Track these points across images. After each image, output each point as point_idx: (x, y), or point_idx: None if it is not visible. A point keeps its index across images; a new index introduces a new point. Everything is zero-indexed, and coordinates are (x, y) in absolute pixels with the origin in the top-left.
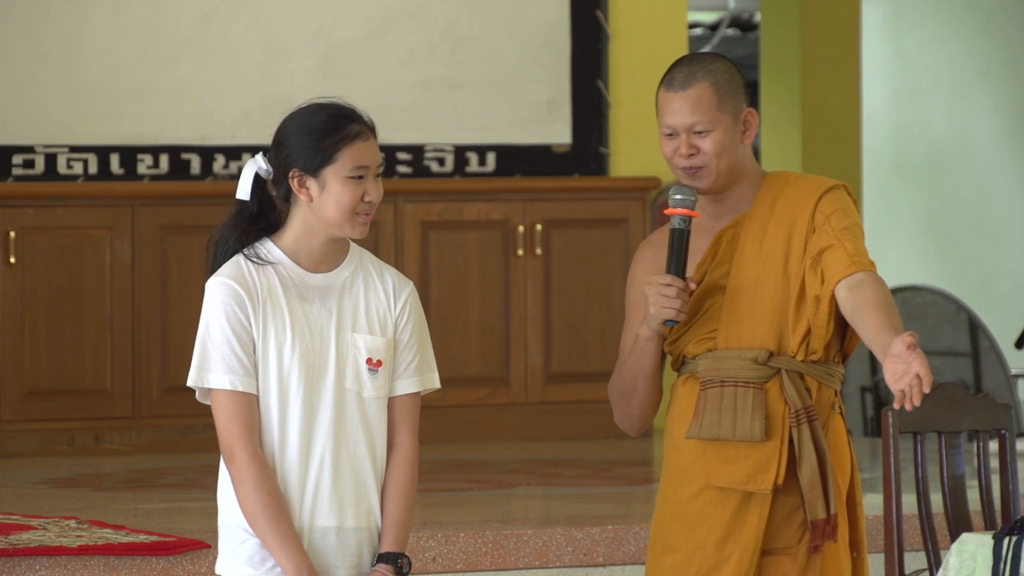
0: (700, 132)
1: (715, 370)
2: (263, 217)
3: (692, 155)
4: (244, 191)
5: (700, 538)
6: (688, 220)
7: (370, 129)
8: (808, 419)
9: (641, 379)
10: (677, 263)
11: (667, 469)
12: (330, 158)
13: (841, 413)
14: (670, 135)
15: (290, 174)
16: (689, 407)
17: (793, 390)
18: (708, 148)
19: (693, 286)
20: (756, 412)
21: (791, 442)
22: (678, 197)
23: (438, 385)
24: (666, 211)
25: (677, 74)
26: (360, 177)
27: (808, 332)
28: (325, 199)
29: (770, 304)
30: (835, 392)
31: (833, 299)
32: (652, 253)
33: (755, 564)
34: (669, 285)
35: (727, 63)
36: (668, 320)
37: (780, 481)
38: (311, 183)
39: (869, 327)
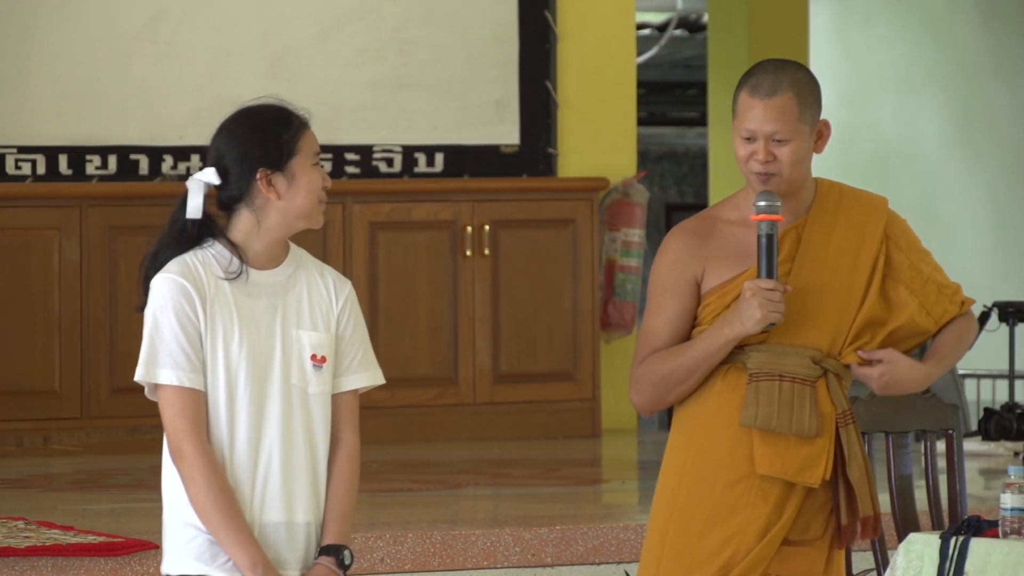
0: (779, 141)
1: (772, 364)
2: (204, 229)
3: (769, 162)
4: (197, 210)
5: (739, 524)
6: (775, 225)
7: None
8: (852, 420)
9: (702, 372)
10: (770, 267)
11: (692, 459)
12: (293, 150)
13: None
14: (749, 139)
15: (257, 175)
16: (729, 400)
17: (840, 391)
18: (785, 157)
19: (789, 289)
20: (813, 409)
21: (838, 440)
22: (762, 204)
23: (382, 380)
24: (753, 217)
25: (763, 80)
26: (318, 164)
27: (857, 339)
28: (295, 191)
29: (832, 307)
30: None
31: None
32: (690, 242)
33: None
34: (772, 290)
35: (810, 74)
36: (772, 323)
37: (828, 476)
38: (278, 179)
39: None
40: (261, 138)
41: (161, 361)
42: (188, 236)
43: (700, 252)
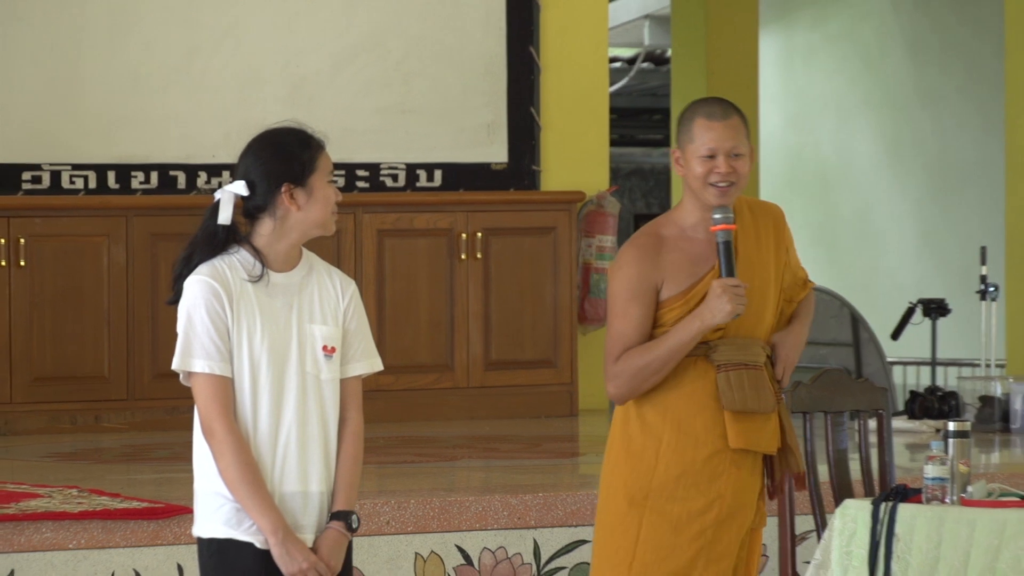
0: (737, 155)
1: (737, 355)
2: (231, 235)
3: (729, 172)
4: (227, 218)
5: (719, 490)
6: (731, 233)
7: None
8: (781, 396)
9: (675, 361)
10: (730, 268)
11: (668, 436)
12: (313, 168)
13: None
14: (710, 156)
15: (282, 189)
16: (701, 387)
17: (773, 372)
18: (742, 169)
19: (747, 285)
20: (770, 389)
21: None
22: (719, 216)
23: (381, 367)
24: (712, 228)
25: (715, 108)
26: (332, 180)
27: (776, 328)
28: (313, 203)
29: (766, 303)
30: None
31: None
32: (647, 255)
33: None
34: (738, 286)
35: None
36: (738, 314)
37: (780, 444)
38: (299, 193)
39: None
40: (286, 157)
41: (195, 352)
42: (218, 241)
43: (658, 264)
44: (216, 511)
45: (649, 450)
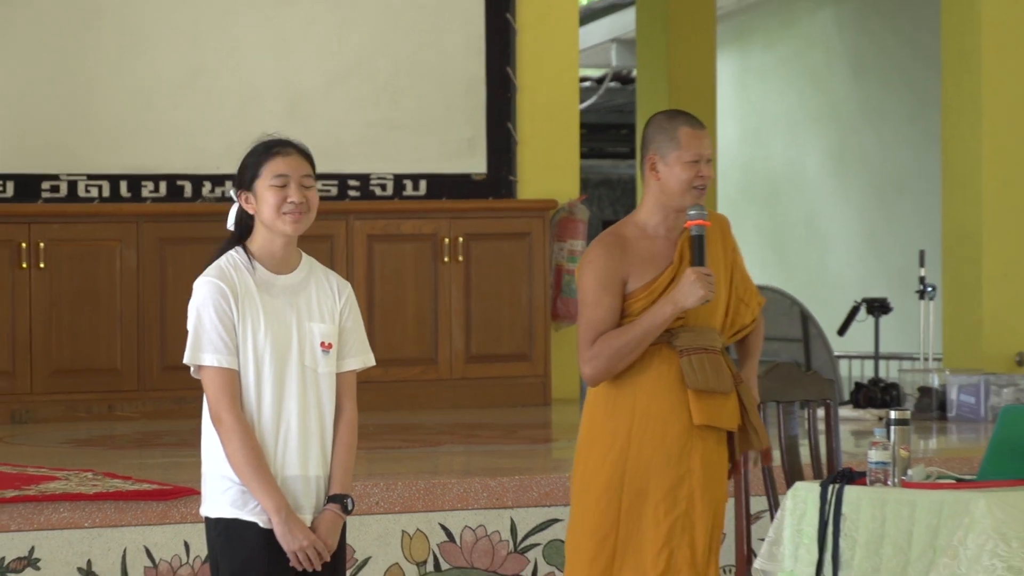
0: (709, 161)
1: (696, 341)
2: (246, 233)
3: (707, 177)
4: (231, 223)
5: (689, 465)
6: (703, 228)
7: (295, 148)
8: (741, 380)
9: (647, 343)
10: (702, 258)
11: (639, 416)
12: (257, 173)
13: None
14: (695, 162)
15: (238, 194)
16: (667, 371)
17: (730, 358)
18: (711, 173)
19: (714, 275)
20: (728, 371)
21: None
22: (693, 213)
23: (374, 362)
24: (688, 224)
25: (693, 119)
26: (283, 185)
27: (725, 325)
28: (262, 205)
29: (719, 298)
30: None
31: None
32: (614, 252)
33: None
34: (710, 275)
35: None
36: (708, 299)
37: (740, 422)
38: (250, 197)
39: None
40: (242, 166)
41: (204, 347)
42: (234, 243)
43: (624, 260)
44: (223, 493)
45: (622, 432)
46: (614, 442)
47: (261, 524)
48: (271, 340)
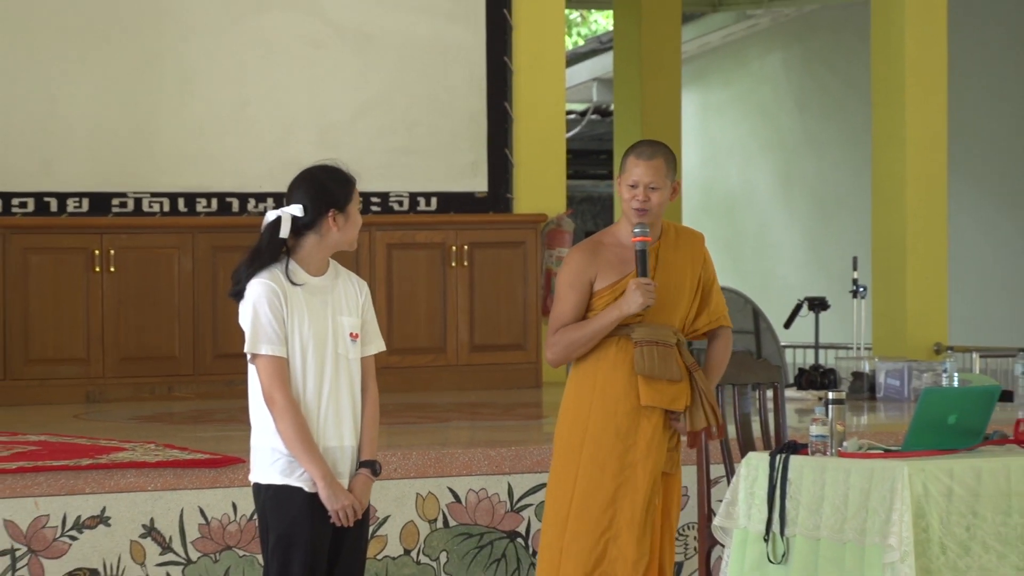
0: (653, 188)
1: (650, 335)
2: (282, 245)
3: (645, 201)
4: (287, 232)
5: (634, 438)
6: (647, 243)
7: None
8: (698, 368)
9: (598, 338)
10: (644, 270)
11: (598, 395)
12: (350, 198)
13: None
14: (633, 186)
15: (329, 213)
16: (623, 359)
17: (687, 353)
18: (655, 199)
19: (656, 284)
20: (676, 363)
21: (692, 381)
22: (638, 230)
23: (385, 348)
24: (632, 239)
25: (644, 149)
26: (359, 208)
27: (693, 322)
28: (350, 227)
29: (680, 300)
30: None
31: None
32: (585, 257)
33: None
34: (649, 284)
35: (672, 152)
36: (648, 306)
37: (689, 403)
38: (340, 217)
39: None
40: (332, 188)
41: (261, 339)
42: (275, 250)
43: (593, 263)
44: (273, 463)
45: (584, 406)
46: (577, 415)
47: (306, 489)
48: (313, 332)
